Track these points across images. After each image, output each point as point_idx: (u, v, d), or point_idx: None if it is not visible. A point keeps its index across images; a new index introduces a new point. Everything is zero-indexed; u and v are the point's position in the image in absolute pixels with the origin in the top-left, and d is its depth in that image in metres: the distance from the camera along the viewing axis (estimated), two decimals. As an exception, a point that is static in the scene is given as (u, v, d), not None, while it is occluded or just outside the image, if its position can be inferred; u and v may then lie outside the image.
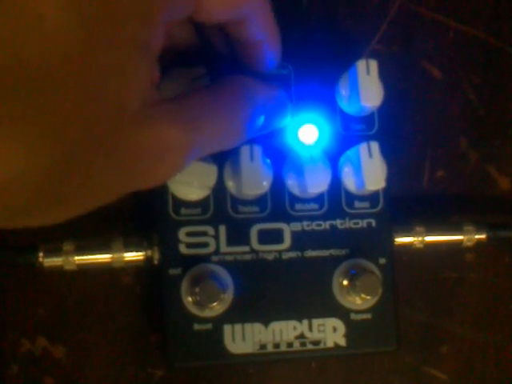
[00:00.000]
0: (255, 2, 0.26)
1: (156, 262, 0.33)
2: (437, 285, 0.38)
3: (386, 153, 0.33)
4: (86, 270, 0.34)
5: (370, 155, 0.31)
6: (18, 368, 0.35)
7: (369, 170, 0.31)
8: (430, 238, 0.35)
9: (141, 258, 0.33)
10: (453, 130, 0.40)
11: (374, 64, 0.31)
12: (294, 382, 0.37)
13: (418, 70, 0.40)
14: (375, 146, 0.31)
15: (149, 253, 0.33)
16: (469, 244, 0.36)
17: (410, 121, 0.39)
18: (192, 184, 0.31)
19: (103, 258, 0.33)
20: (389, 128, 0.35)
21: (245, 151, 0.30)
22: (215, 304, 0.30)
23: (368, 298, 0.31)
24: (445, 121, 0.39)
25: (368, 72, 0.31)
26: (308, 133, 0.32)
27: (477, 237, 0.36)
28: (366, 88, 0.31)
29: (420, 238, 0.35)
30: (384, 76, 0.33)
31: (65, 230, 0.34)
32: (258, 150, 0.31)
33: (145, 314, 0.36)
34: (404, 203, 0.38)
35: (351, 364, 0.37)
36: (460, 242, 0.36)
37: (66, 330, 0.35)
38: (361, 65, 0.31)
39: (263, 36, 0.28)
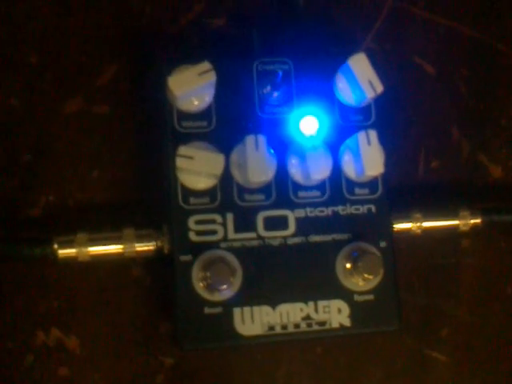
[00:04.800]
0: None
1: (166, 251, 0.34)
2: (435, 270, 0.40)
3: (383, 141, 0.34)
4: (97, 263, 0.36)
5: (369, 142, 0.33)
6: (32, 359, 0.36)
7: (368, 157, 0.33)
8: (427, 224, 0.37)
9: (151, 248, 0.34)
10: (445, 121, 0.41)
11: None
12: (299, 367, 0.38)
13: (410, 65, 0.41)
14: (373, 133, 0.33)
15: (159, 243, 0.34)
16: (465, 229, 0.37)
17: (404, 114, 0.41)
18: (201, 173, 0.32)
19: (115, 248, 0.34)
20: (384, 120, 0.37)
21: (250, 141, 0.32)
22: (225, 286, 0.32)
23: (370, 277, 0.33)
24: (438, 113, 0.41)
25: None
26: (309, 124, 0.34)
27: (472, 221, 0.37)
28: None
29: (418, 224, 0.37)
30: (378, 72, 0.34)
31: (77, 223, 0.36)
32: (262, 139, 0.32)
33: (155, 304, 0.37)
34: (401, 193, 0.39)
35: (355, 348, 0.38)
36: (456, 227, 0.37)
37: (79, 321, 0.36)
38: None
39: None
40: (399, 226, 0.36)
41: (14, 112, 0.37)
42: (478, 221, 0.37)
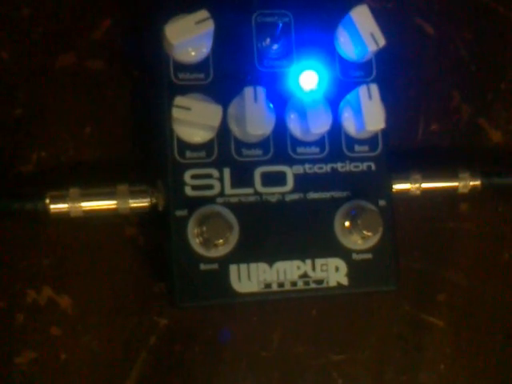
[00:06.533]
0: None
1: (161, 208, 0.33)
2: (433, 234, 0.40)
3: (384, 98, 0.34)
4: (90, 221, 0.35)
5: (370, 97, 0.32)
6: (23, 318, 0.35)
7: (369, 112, 0.32)
8: (426, 185, 0.36)
9: (146, 204, 0.34)
10: (445, 84, 0.41)
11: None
12: (295, 329, 0.37)
13: (411, 26, 0.41)
14: (375, 88, 0.32)
15: (154, 200, 0.34)
16: (464, 191, 0.37)
17: (404, 76, 0.40)
18: (198, 125, 0.31)
19: (109, 204, 0.33)
20: (385, 78, 0.36)
21: (249, 92, 0.31)
22: (222, 241, 0.31)
23: (369, 234, 0.32)
24: (438, 76, 0.41)
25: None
26: (308, 79, 0.33)
27: (471, 183, 0.37)
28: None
29: (417, 185, 0.36)
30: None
31: (69, 180, 0.35)
32: (261, 91, 0.31)
33: (148, 264, 0.36)
34: (400, 155, 0.38)
35: (351, 311, 0.38)
36: (455, 189, 0.37)
37: (70, 280, 0.36)
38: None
39: None
40: (398, 187, 0.36)
41: (5, 66, 0.36)
42: (478, 183, 0.37)
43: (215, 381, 0.36)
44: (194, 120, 0.31)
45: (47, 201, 0.33)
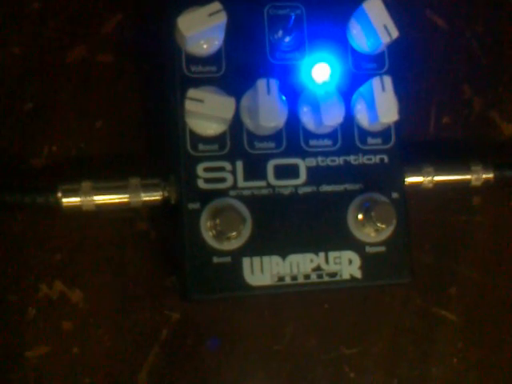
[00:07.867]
0: None
1: (173, 201, 0.33)
2: (445, 228, 0.39)
3: (397, 90, 0.33)
4: (101, 215, 0.35)
5: (383, 88, 0.32)
6: (35, 312, 0.35)
7: (382, 103, 0.32)
8: (439, 178, 0.36)
9: (158, 198, 0.34)
10: (457, 77, 0.41)
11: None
12: (307, 323, 0.37)
13: (422, 19, 0.40)
14: (388, 79, 0.32)
15: (166, 193, 0.33)
16: (476, 184, 0.37)
17: (415, 69, 0.40)
18: (210, 117, 0.31)
19: (121, 197, 0.33)
20: (397, 70, 0.36)
21: (262, 84, 0.31)
22: (234, 234, 0.31)
23: (383, 226, 0.32)
24: (449, 69, 0.40)
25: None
26: (321, 71, 0.33)
27: (484, 176, 0.36)
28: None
29: (429, 178, 0.36)
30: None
31: (81, 173, 0.35)
32: (274, 83, 0.31)
33: (160, 258, 0.36)
34: (411, 148, 0.38)
35: (362, 305, 0.38)
36: (468, 182, 0.37)
37: (82, 274, 0.36)
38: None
39: None
40: (411, 180, 0.36)
41: (16, 60, 0.36)
42: (491, 176, 0.37)
43: (227, 374, 0.36)
44: (206, 112, 0.31)
45: (59, 194, 0.33)
